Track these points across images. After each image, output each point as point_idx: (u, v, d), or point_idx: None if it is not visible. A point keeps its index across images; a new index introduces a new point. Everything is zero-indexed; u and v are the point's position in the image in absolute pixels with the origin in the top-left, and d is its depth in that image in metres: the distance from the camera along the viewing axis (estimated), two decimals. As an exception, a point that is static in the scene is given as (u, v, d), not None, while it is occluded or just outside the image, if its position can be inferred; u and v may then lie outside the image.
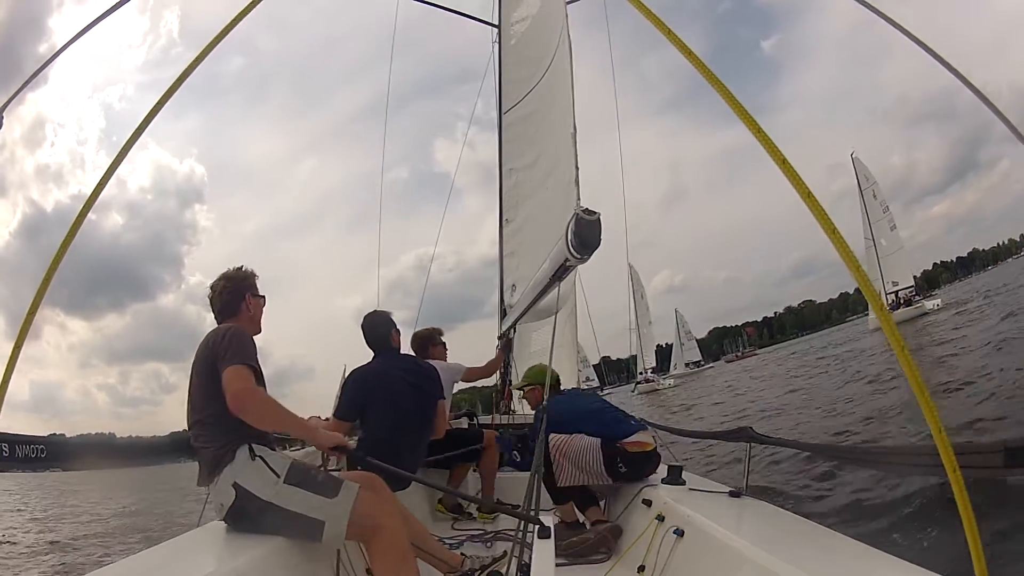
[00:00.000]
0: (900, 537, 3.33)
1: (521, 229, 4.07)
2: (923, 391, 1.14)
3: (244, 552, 1.72)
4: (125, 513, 13.29)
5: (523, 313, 2.98)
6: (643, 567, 2.21)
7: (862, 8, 2.36)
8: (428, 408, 3.07)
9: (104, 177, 2.04)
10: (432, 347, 3.92)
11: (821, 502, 4.34)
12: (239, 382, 1.80)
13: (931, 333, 16.80)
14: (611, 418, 3.00)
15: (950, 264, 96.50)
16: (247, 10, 2.26)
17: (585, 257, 1.75)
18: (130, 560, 1.79)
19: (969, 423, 5.29)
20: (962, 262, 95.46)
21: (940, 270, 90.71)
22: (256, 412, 1.82)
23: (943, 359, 10.64)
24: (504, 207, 4.50)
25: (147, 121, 2.05)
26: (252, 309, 2.16)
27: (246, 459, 1.85)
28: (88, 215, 1.98)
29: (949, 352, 11.31)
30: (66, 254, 1.94)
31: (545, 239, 2.99)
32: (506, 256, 4.44)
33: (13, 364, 1.86)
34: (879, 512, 3.84)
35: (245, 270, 2.21)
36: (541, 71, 3.50)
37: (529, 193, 3.90)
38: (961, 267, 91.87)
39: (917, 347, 13.35)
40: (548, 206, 3.25)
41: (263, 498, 1.81)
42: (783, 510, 2.09)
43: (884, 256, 28.95)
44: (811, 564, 1.43)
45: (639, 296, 43.94)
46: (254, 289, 2.19)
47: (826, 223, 1.24)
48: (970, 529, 1.09)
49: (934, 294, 32.91)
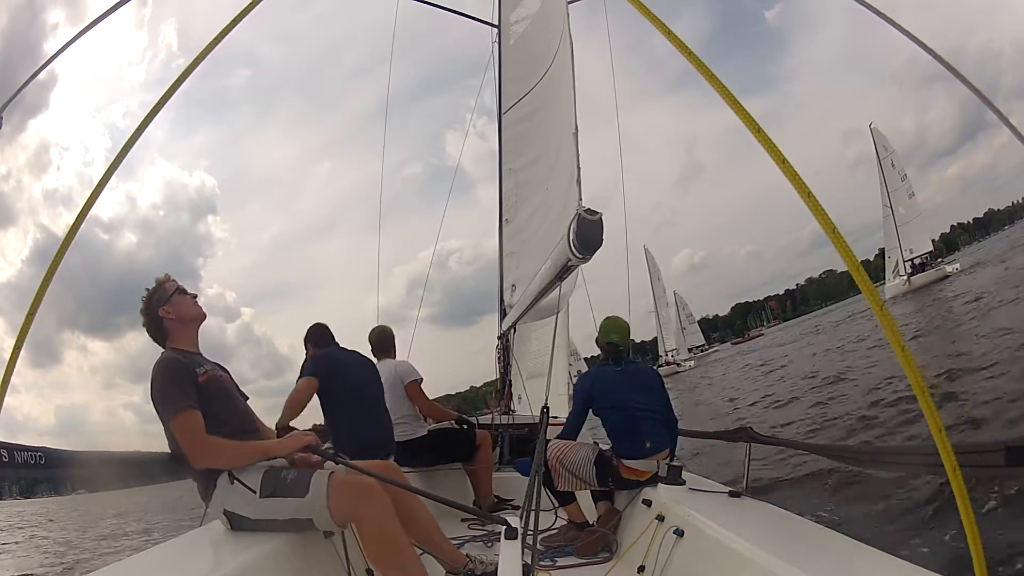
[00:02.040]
0: (900, 537, 3.33)
1: (521, 229, 4.06)
2: (923, 391, 1.14)
3: (246, 551, 1.72)
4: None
5: (523, 313, 2.97)
6: (643, 567, 2.21)
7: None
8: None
9: (103, 178, 2.03)
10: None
11: (821, 502, 4.34)
12: (185, 436, 1.83)
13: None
14: (634, 427, 2.78)
15: (967, 226, 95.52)
16: (243, 14, 2.25)
17: (587, 257, 1.74)
18: (131, 560, 1.80)
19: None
20: (979, 223, 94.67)
21: (958, 232, 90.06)
22: (213, 460, 1.87)
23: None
24: (504, 207, 4.50)
25: (144, 125, 2.05)
26: (175, 315, 2.04)
27: (226, 484, 1.88)
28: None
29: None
30: (65, 256, 1.94)
31: (545, 239, 2.99)
32: (506, 256, 4.44)
33: (13, 364, 1.87)
34: (879, 512, 3.84)
35: (154, 286, 2.08)
36: (541, 71, 3.49)
37: (529, 193, 3.89)
38: (978, 228, 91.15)
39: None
40: (548, 206, 3.24)
41: (251, 517, 1.86)
42: (783, 510, 2.09)
43: (903, 224, 29.06)
44: (811, 564, 1.43)
45: (655, 279, 43.87)
46: (163, 293, 2.06)
47: (825, 222, 1.24)
48: (970, 529, 1.09)
49: (953, 258, 33.12)
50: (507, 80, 4.64)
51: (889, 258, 30.10)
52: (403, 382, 3.76)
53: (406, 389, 3.75)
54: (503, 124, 4.61)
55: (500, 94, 4.80)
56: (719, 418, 10.54)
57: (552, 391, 5.38)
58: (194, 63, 2.16)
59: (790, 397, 10.48)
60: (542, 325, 5.21)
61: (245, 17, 2.24)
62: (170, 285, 2.08)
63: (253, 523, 1.86)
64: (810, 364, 14.77)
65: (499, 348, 5.55)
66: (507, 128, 4.49)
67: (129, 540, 11.43)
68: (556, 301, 2.31)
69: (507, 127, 4.48)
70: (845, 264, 1.24)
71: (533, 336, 5.87)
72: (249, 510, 1.86)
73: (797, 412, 8.75)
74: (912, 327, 13.66)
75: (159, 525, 13.02)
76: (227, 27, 2.20)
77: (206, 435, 1.84)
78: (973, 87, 2.28)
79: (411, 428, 3.75)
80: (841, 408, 7.92)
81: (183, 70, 2.15)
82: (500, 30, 5.03)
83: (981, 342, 9.03)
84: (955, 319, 13.21)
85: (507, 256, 4.41)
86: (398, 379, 3.75)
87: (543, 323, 4.89)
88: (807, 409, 8.69)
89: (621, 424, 2.83)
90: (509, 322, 3.85)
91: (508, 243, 4.41)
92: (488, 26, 5.89)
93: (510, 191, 4.31)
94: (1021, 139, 2.10)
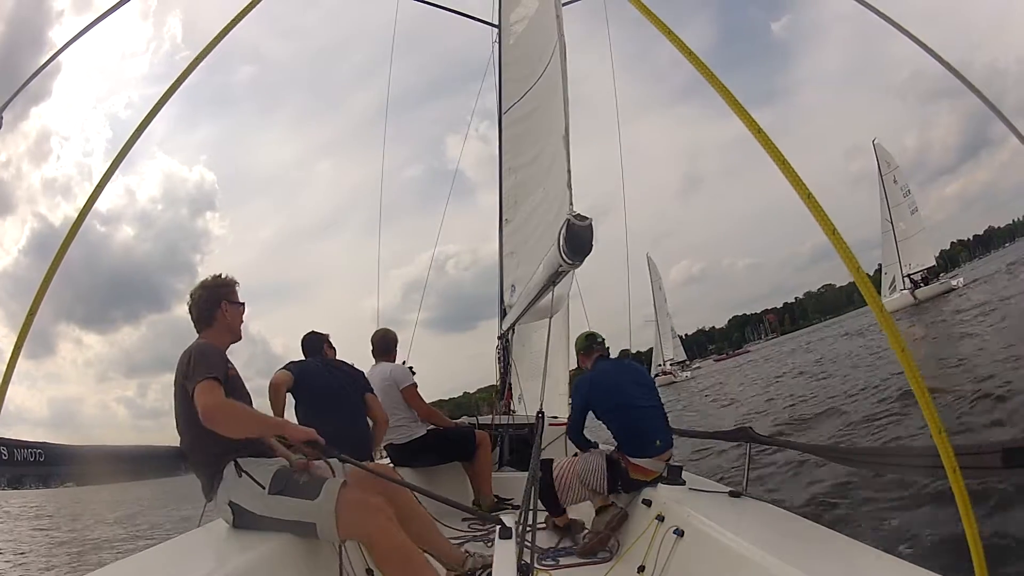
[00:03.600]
0: (900, 537, 3.33)
1: (520, 229, 4.06)
2: (923, 392, 1.14)
3: (245, 551, 1.73)
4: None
5: (520, 316, 2.97)
6: (643, 567, 2.21)
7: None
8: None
9: (106, 174, 2.01)
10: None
11: (821, 502, 4.34)
12: (205, 397, 1.84)
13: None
14: (643, 425, 2.80)
15: (967, 242, 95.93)
16: (248, 9, 2.24)
17: (577, 263, 1.74)
18: (132, 560, 1.80)
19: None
20: (979, 240, 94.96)
21: (959, 248, 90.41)
22: (225, 423, 1.86)
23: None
24: (504, 207, 4.51)
25: (147, 121, 2.03)
26: (229, 317, 2.13)
27: (234, 477, 1.89)
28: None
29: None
30: (65, 256, 1.92)
31: (542, 239, 2.99)
32: (505, 256, 4.44)
33: (13, 365, 1.86)
34: (879, 512, 3.83)
35: (225, 278, 2.18)
36: (539, 71, 3.49)
37: (527, 193, 3.89)
38: (978, 245, 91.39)
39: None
40: (545, 207, 3.23)
41: (256, 512, 1.86)
42: (783, 510, 2.09)
43: (905, 239, 28.74)
44: (811, 564, 1.43)
45: (657, 287, 43.39)
46: (232, 296, 2.16)
47: (826, 224, 1.24)
48: (970, 529, 1.09)
49: (955, 273, 33.11)
50: (507, 80, 4.66)
51: (886, 274, 29.77)
52: (399, 387, 3.76)
53: (402, 394, 3.75)
54: (503, 124, 4.62)
55: (500, 94, 4.81)
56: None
57: (553, 391, 5.39)
58: (198, 58, 2.13)
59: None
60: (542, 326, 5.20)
61: (250, 12, 2.22)
62: (238, 291, 2.18)
63: (257, 519, 1.87)
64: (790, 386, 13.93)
65: (499, 349, 5.56)
66: (507, 128, 4.49)
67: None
68: (553, 302, 2.31)
69: (507, 127, 4.49)
70: (846, 266, 1.23)
71: (534, 336, 5.87)
72: (255, 505, 1.86)
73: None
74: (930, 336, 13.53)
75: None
76: (232, 22, 2.17)
77: (226, 399, 1.88)
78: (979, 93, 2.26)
79: (410, 430, 3.75)
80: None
81: (187, 65, 2.12)
82: (500, 30, 5.03)
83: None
84: (971, 330, 12.99)
85: (507, 256, 4.41)
86: (394, 383, 3.75)
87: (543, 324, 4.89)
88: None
89: (629, 424, 2.82)
90: (508, 323, 3.85)
91: (508, 243, 4.42)
92: (489, 26, 5.90)
93: (510, 190, 4.31)
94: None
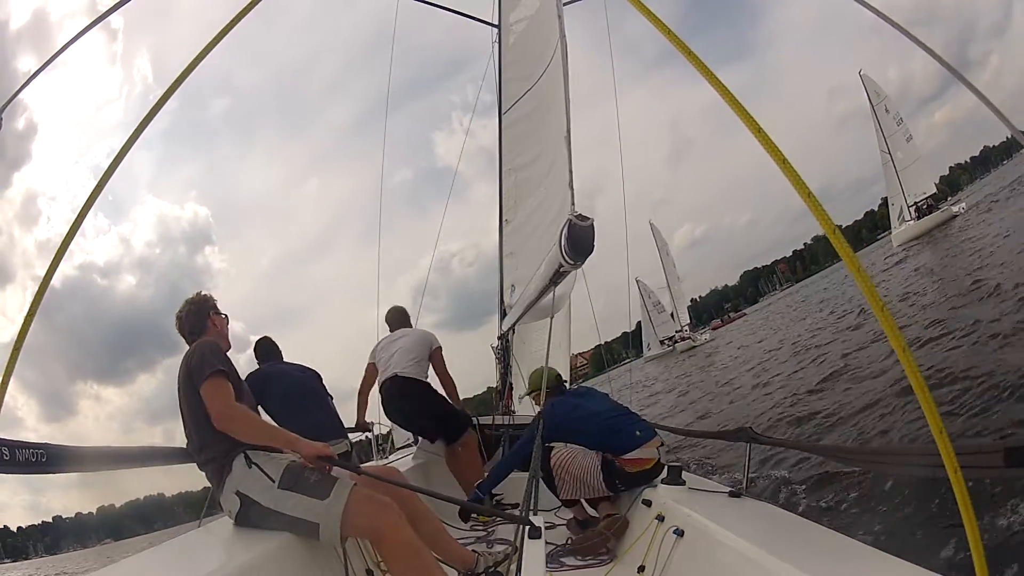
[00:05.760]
0: (900, 537, 3.32)
1: (520, 229, 4.06)
2: (924, 391, 1.13)
3: (247, 551, 1.73)
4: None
5: (521, 315, 2.97)
6: (643, 567, 2.21)
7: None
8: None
9: (90, 197, 2.03)
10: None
11: (821, 502, 4.33)
12: (219, 400, 1.90)
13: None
14: (615, 426, 2.83)
15: (966, 165, 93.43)
16: (218, 39, 2.18)
17: (579, 263, 1.74)
18: (133, 560, 1.80)
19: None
20: (976, 161, 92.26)
21: (959, 172, 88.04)
22: (239, 429, 1.91)
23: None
24: (504, 207, 4.50)
25: (126, 148, 2.05)
26: (218, 326, 2.29)
27: (243, 468, 1.91)
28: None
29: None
30: (58, 265, 1.97)
31: (543, 239, 2.99)
32: (505, 256, 4.44)
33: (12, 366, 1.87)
34: (879, 512, 3.83)
35: (205, 294, 2.34)
36: (539, 71, 3.49)
37: (528, 193, 3.90)
38: (977, 166, 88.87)
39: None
40: (546, 206, 3.24)
41: (263, 504, 1.87)
42: (783, 510, 2.09)
43: (903, 168, 28.10)
44: (811, 564, 1.43)
45: (664, 253, 42.65)
46: (216, 307, 2.32)
47: (801, 188, 1.22)
48: (971, 529, 1.09)
49: (957, 198, 32.29)
50: (506, 80, 4.65)
51: (893, 205, 28.95)
52: (431, 346, 3.94)
53: (432, 353, 3.93)
54: (503, 124, 4.61)
55: (500, 94, 4.80)
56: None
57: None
58: (172, 87, 2.14)
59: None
60: (542, 325, 5.21)
61: (219, 43, 2.19)
62: (214, 303, 2.33)
63: (262, 511, 1.87)
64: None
65: (499, 349, 5.56)
66: (507, 128, 4.49)
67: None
68: (554, 302, 2.31)
69: (507, 127, 4.49)
70: (824, 230, 1.22)
71: (535, 335, 5.87)
72: (264, 497, 1.87)
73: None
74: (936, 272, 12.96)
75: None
76: (202, 52, 2.16)
77: (238, 404, 1.94)
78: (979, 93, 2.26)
79: (418, 371, 3.88)
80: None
81: (162, 94, 2.15)
82: (500, 30, 5.03)
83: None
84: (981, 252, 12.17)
85: (507, 256, 4.41)
86: (427, 342, 3.94)
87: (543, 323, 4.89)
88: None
89: (601, 426, 2.82)
90: (508, 324, 3.86)
91: (508, 243, 4.42)
92: (489, 26, 5.90)
93: (509, 191, 4.32)
94: (989, 105, 2.10)
